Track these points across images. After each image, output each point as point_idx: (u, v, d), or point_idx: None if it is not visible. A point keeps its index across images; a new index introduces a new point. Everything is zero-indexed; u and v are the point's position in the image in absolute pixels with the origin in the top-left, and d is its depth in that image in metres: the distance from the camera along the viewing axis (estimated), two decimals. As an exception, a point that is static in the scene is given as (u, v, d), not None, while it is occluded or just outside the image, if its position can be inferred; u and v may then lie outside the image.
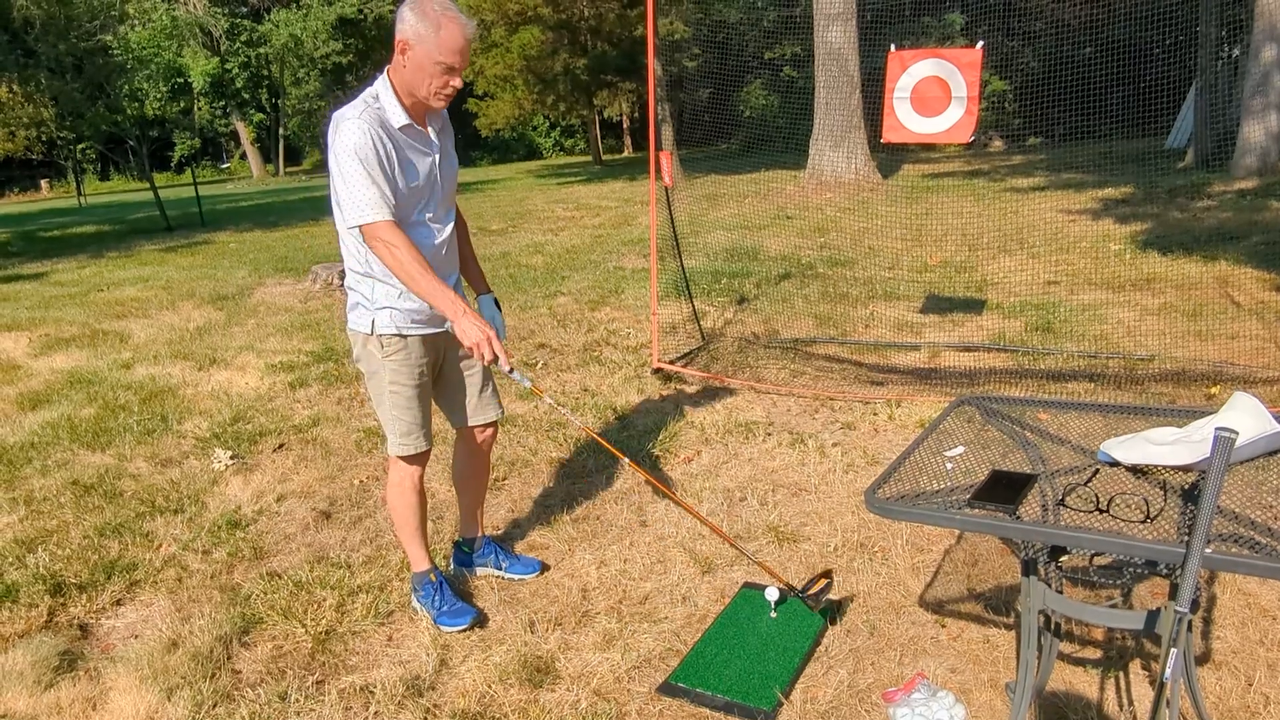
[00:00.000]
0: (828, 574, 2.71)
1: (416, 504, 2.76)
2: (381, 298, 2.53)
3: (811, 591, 2.64)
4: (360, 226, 2.36)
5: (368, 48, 36.00)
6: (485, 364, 2.51)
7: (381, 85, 2.41)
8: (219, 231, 14.94)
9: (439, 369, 2.75)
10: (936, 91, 4.35)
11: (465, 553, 3.05)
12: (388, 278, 2.50)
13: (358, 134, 2.31)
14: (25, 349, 6.71)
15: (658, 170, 5.13)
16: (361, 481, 3.93)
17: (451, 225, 2.64)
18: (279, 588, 2.99)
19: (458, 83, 2.39)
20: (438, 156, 2.53)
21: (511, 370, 2.46)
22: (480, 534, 3.06)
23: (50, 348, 6.68)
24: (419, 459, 2.72)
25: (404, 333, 2.56)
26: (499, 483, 3.82)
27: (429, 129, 2.51)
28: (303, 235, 13.44)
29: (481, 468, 2.99)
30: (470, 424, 2.84)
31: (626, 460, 2.84)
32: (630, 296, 7.25)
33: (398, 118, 2.39)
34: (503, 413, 2.90)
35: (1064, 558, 1.83)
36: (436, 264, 2.56)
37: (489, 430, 2.91)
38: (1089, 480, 1.80)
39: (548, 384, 5.13)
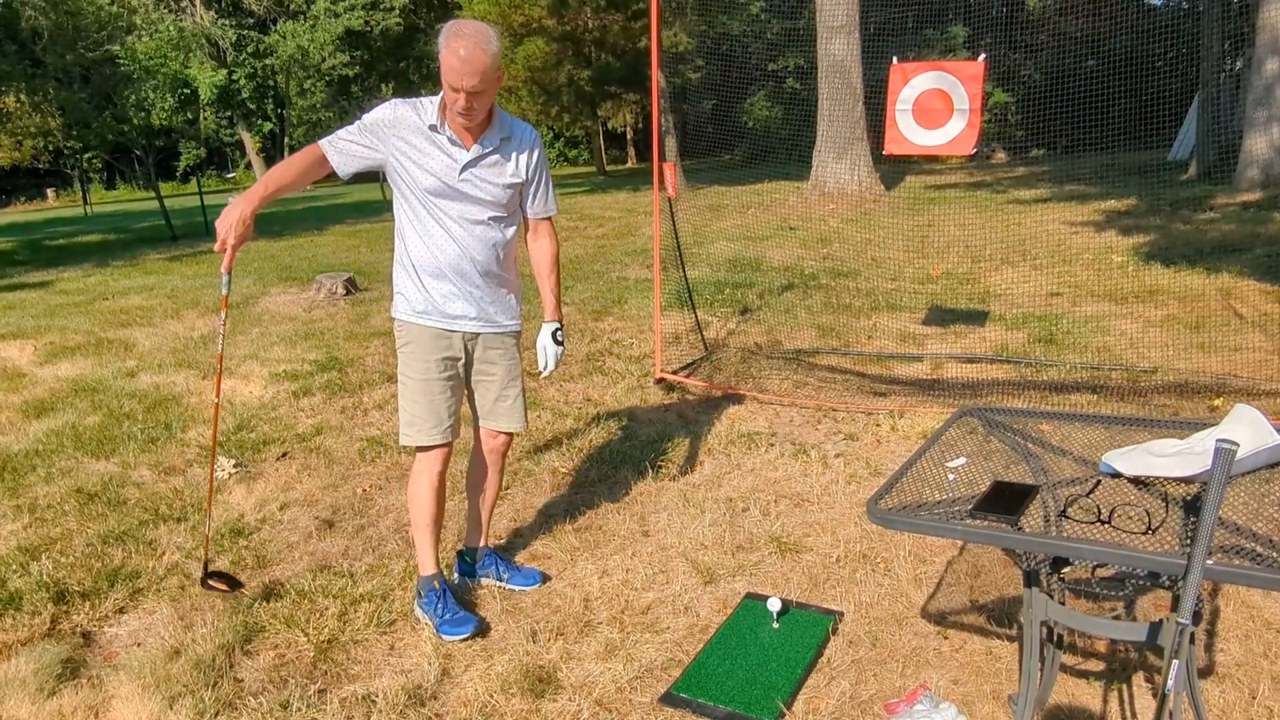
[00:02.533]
0: None
1: (429, 499, 2.77)
2: (399, 283, 2.69)
3: None
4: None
5: (373, 59, 36.18)
6: (225, 266, 2.66)
7: (438, 95, 2.58)
8: (224, 241, 14.97)
9: (470, 366, 2.80)
10: (938, 104, 4.37)
11: (467, 563, 3.05)
12: (401, 265, 2.68)
13: (384, 105, 2.60)
14: (30, 357, 6.73)
15: (661, 181, 5.15)
16: (364, 490, 3.93)
17: (486, 234, 2.66)
18: (281, 596, 3.00)
19: (463, 103, 2.47)
20: (467, 159, 2.58)
21: (226, 275, 2.70)
22: (483, 544, 3.06)
23: (55, 356, 6.70)
24: (434, 452, 2.74)
25: (410, 321, 2.66)
26: (502, 492, 3.81)
27: (473, 142, 2.59)
28: (307, 245, 13.48)
29: (490, 475, 2.99)
30: (483, 426, 2.89)
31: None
32: (633, 307, 7.26)
33: (428, 118, 2.55)
34: (523, 425, 2.92)
35: (1066, 569, 1.84)
36: (456, 268, 2.64)
37: (500, 438, 2.93)
38: (1091, 491, 1.80)
39: (550, 393, 5.14)
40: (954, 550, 3.03)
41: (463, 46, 2.39)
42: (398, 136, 2.56)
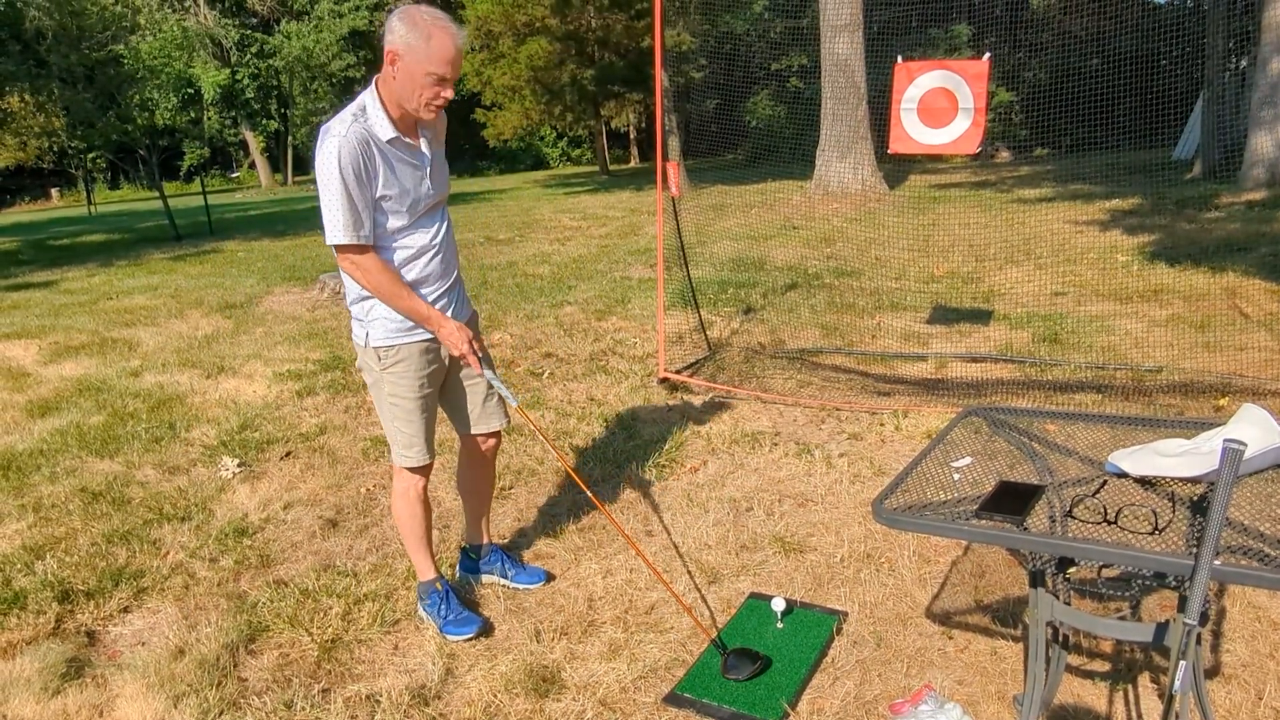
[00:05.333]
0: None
1: (421, 513, 2.76)
2: (376, 310, 2.53)
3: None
4: (333, 246, 2.39)
5: (375, 58, 36.15)
6: (477, 371, 2.55)
7: (369, 97, 2.37)
8: (227, 240, 15.01)
9: (445, 377, 2.76)
10: (943, 103, 4.36)
11: (471, 559, 3.05)
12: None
13: (339, 151, 2.28)
14: (35, 356, 6.75)
15: (665, 180, 5.15)
16: (368, 490, 3.94)
17: (447, 226, 2.63)
18: (285, 596, 3.00)
19: (448, 94, 2.34)
20: (429, 169, 2.50)
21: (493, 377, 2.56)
22: (486, 541, 3.06)
23: (59, 355, 6.71)
24: (422, 470, 2.73)
25: (398, 342, 2.54)
26: (505, 491, 3.82)
27: (420, 141, 2.47)
28: (310, 244, 13.49)
29: (485, 476, 3.00)
30: (472, 432, 2.85)
31: (589, 492, 2.85)
32: (637, 306, 7.26)
33: (385, 131, 2.35)
34: (507, 422, 2.91)
35: (1072, 569, 1.83)
36: (439, 265, 2.58)
37: (491, 439, 2.91)
38: (1097, 491, 1.79)
39: (554, 393, 5.14)
40: (958, 550, 3.02)
41: (448, 34, 2.27)
42: (372, 169, 2.34)
